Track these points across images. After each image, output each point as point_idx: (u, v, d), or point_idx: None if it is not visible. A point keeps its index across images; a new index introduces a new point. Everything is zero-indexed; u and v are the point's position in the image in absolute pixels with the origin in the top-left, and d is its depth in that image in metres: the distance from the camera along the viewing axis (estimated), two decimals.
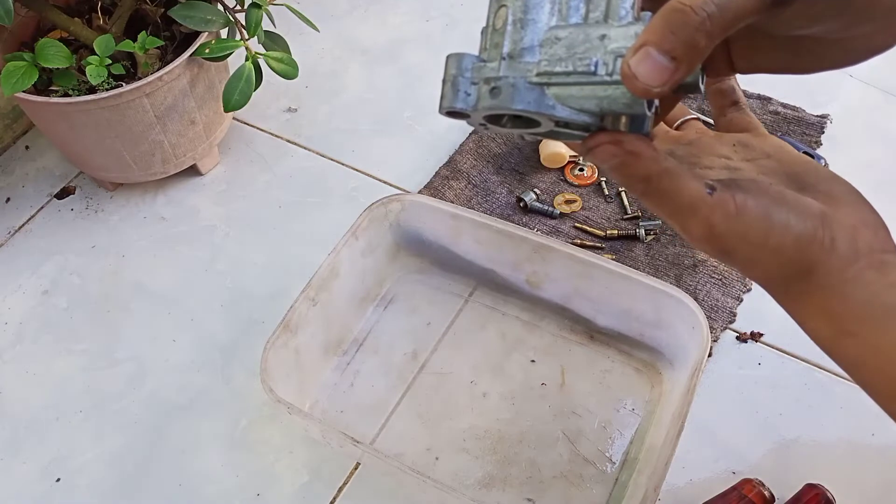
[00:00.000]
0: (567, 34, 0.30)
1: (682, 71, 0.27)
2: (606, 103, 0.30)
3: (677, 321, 0.64)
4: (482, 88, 0.31)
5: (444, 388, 0.70)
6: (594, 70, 0.29)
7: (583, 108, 0.30)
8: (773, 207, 0.32)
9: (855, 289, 0.32)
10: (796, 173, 0.36)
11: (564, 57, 0.30)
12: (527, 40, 0.31)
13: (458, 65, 0.32)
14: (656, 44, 0.27)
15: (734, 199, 0.31)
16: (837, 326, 0.33)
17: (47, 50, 0.70)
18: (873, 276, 0.32)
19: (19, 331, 0.77)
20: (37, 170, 0.90)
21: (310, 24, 0.79)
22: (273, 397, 0.58)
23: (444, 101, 0.32)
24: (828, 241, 0.32)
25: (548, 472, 0.65)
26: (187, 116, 0.79)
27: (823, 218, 0.32)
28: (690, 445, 0.66)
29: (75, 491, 0.67)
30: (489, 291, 0.75)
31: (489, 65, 0.31)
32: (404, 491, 0.65)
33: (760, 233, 0.32)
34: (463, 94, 0.31)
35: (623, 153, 0.30)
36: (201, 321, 0.76)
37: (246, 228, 0.83)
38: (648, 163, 0.31)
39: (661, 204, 0.32)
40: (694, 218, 0.32)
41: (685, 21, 0.26)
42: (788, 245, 0.32)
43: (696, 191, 0.31)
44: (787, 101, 0.90)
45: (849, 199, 0.34)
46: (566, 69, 0.30)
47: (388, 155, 0.89)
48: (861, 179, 0.94)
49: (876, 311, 0.31)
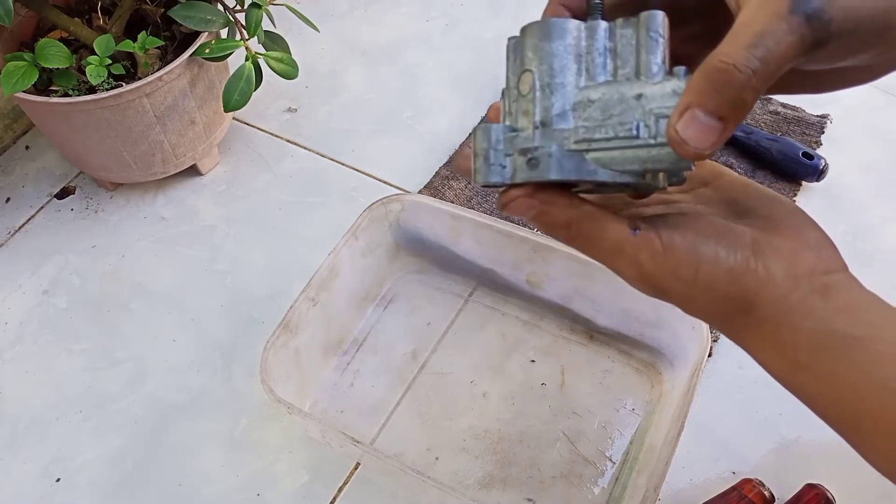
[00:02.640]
0: (600, 95, 0.29)
1: (731, 130, 0.26)
2: (651, 164, 0.29)
3: (677, 321, 0.64)
4: (517, 160, 0.30)
5: (444, 388, 0.70)
6: (636, 134, 0.28)
7: (625, 169, 0.29)
8: (701, 241, 0.31)
9: (800, 317, 0.30)
10: (734, 199, 0.35)
11: (601, 121, 0.29)
12: (558, 106, 0.30)
13: (488, 137, 0.30)
14: (702, 105, 0.26)
15: (659, 236, 0.31)
16: (788, 358, 0.31)
17: (47, 50, 0.70)
18: (818, 303, 0.30)
19: (19, 331, 0.77)
20: (37, 170, 0.90)
21: (310, 24, 0.79)
22: (273, 397, 0.58)
23: (479, 177, 0.31)
24: (762, 270, 0.31)
25: (548, 472, 0.65)
26: (187, 116, 0.79)
27: (755, 246, 0.31)
28: (690, 445, 0.66)
29: (75, 491, 0.67)
30: (489, 291, 0.75)
31: (522, 134, 0.30)
32: (404, 491, 0.65)
33: (690, 269, 0.31)
34: (498, 167, 0.30)
35: (539, 203, 0.30)
36: (201, 321, 0.76)
37: (246, 228, 0.83)
38: (565, 210, 0.30)
39: (588, 247, 0.32)
40: (621, 259, 0.31)
41: (730, 80, 0.26)
42: (721, 279, 0.31)
43: (618, 231, 0.31)
44: (787, 101, 0.90)
45: (789, 221, 0.33)
46: (606, 135, 0.29)
47: (388, 155, 0.89)
48: (861, 179, 0.94)
49: (825, 340, 0.30)
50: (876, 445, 0.30)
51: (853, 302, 0.30)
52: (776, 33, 0.26)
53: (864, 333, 0.29)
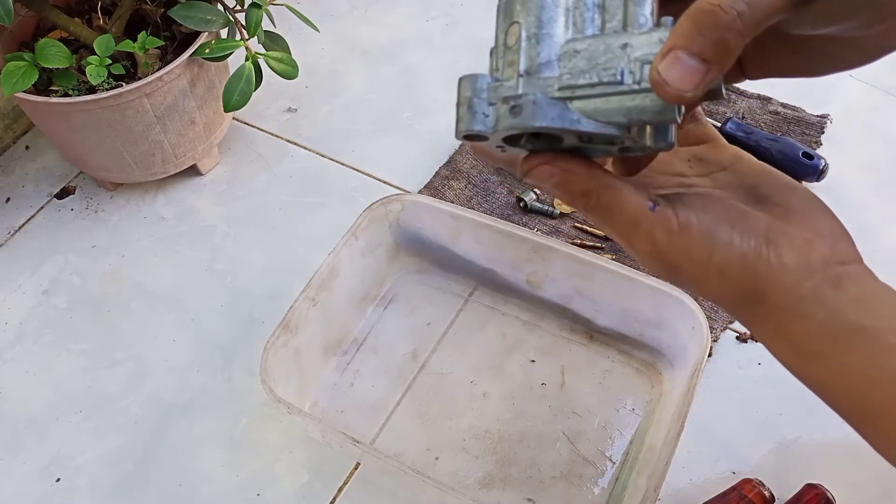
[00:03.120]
0: (586, 46, 0.29)
1: (714, 73, 0.26)
2: (635, 113, 0.28)
3: (677, 321, 0.64)
4: (501, 108, 0.29)
5: (444, 388, 0.70)
6: (620, 79, 0.28)
7: (609, 120, 0.29)
8: (717, 225, 0.31)
9: (812, 307, 0.30)
10: (752, 185, 0.35)
11: (587, 69, 0.29)
12: (544, 55, 0.29)
13: (473, 86, 0.30)
14: (685, 47, 0.26)
15: (676, 215, 0.31)
16: (798, 347, 0.31)
17: (47, 50, 0.70)
18: (830, 293, 0.30)
19: (19, 331, 0.77)
20: (37, 170, 0.90)
21: (310, 24, 0.79)
22: (273, 397, 0.58)
23: (461, 125, 0.30)
24: (774, 258, 0.31)
25: (548, 472, 0.65)
26: (187, 116, 0.79)
27: (769, 234, 0.31)
28: (690, 445, 0.66)
29: (75, 491, 0.67)
30: (489, 291, 0.75)
31: (506, 83, 0.30)
32: (404, 491, 0.65)
33: (704, 251, 0.31)
34: (481, 115, 0.30)
35: (559, 171, 0.30)
36: (201, 321, 0.76)
37: (246, 228, 0.83)
38: (586, 179, 0.30)
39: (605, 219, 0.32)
40: (637, 233, 0.31)
41: (715, 21, 0.26)
42: (734, 264, 0.31)
43: (637, 205, 0.31)
44: (787, 101, 0.90)
45: (805, 210, 0.33)
46: (590, 81, 0.28)
47: (388, 155, 0.89)
48: (861, 179, 0.94)
49: (838, 330, 0.30)
50: (886, 435, 0.31)
51: (866, 293, 0.31)
52: None
53: (876, 324, 0.30)
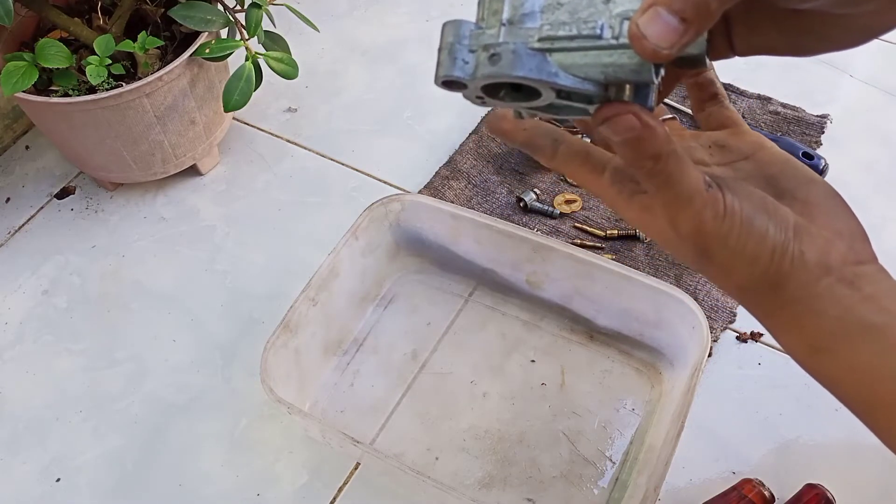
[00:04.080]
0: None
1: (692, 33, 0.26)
2: (612, 70, 0.28)
3: (677, 321, 0.64)
4: (481, 56, 0.30)
5: (444, 388, 0.70)
6: (599, 33, 0.28)
7: (587, 75, 0.29)
8: (757, 213, 0.31)
9: (826, 304, 0.31)
10: (774, 176, 0.35)
11: (568, 21, 0.29)
12: (527, 6, 0.29)
13: (455, 32, 0.30)
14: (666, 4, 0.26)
15: (724, 198, 0.31)
16: (810, 342, 0.32)
17: (47, 50, 0.70)
18: (845, 292, 0.31)
19: (19, 331, 0.77)
20: (37, 170, 0.90)
21: (310, 24, 0.79)
22: (273, 397, 0.58)
23: (441, 70, 0.30)
24: (797, 254, 0.31)
25: (548, 472, 0.65)
26: (187, 116, 0.79)
27: (796, 229, 0.32)
28: (690, 445, 0.66)
29: (75, 491, 0.67)
30: (489, 291, 0.75)
31: (488, 31, 0.30)
32: (404, 491, 0.65)
33: (740, 239, 0.31)
34: (461, 61, 0.30)
35: (641, 127, 0.29)
36: (201, 321, 0.76)
37: (246, 228, 0.83)
38: (662, 141, 0.30)
39: (663, 188, 0.31)
40: (687, 210, 0.31)
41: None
42: (764, 255, 0.31)
43: (696, 181, 0.31)
44: (787, 101, 0.90)
45: (826, 207, 0.33)
46: (570, 33, 0.29)
47: (388, 155, 0.89)
48: (861, 179, 0.94)
49: (850, 327, 0.31)
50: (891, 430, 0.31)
51: (880, 292, 0.31)
52: None
53: (887, 322, 0.30)
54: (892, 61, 0.95)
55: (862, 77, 0.94)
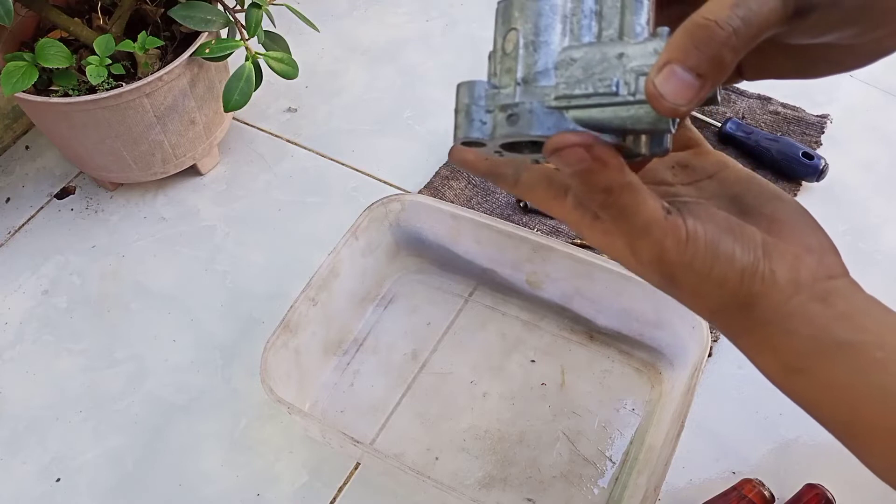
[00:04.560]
0: (582, 54, 0.29)
1: (709, 87, 0.26)
2: (630, 123, 0.29)
3: (677, 321, 0.64)
4: (498, 116, 0.30)
5: (444, 388, 0.70)
6: (616, 90, 0.28)
7: (604, 128, 0.29)
8: (722, 236, 0.31)
9: (799, 323, 0.30)
10: (738, 194, 0.34)
11: (583, 78, 0.29)
12: (541, 63, 0.30)
13: (471, 93, 0.30)
14: (681, 61, 0.26)
15: (686, 224, 0.30)
16: (784, 363, 0.31)
17: (47, 50, 0.70)
18: (818, 309, 0.30)
19: (19, 331, 0.77)
20: (37, 170, 0.90)
21: (310, 24, 0.79)
22: (273, 397, 0.58)
23: (459, 132, 0.31)
24: (768, 273, 0.30)
25: (548, 472, 0.65)
26: (187, 116, 0.79)
27: (765, 248, 0.31)
28: (690, 445, 0.66)
29: (75, 491, 0.67)
30: (489, 291, 0.75)
31: (503, 91, 0.30)
32: (404, 491, 0.65)
33: (706, 263, 0.30)
34: (478, 122, 0.30)
35: (591, 159, 0.29)
36: (201, 321, 0.76)
37: (246, 228, 0.83)
38: (614, 173, 0.29)
39: (617, 219, 0.31)
40: (646, 239, 0.31)
41: (710, 37, 0.26)
42: (733, 277, 0.31)
43: (653, 211, 0.30)
44: (787, 101, 0.90)
45: (793, 223, 0.33)
46: (586, 91, 0.29)
47: (388, 155, 0.89)
48: (861, 179, 0.94)
49: (824, 346, 0.30)
50: (873, 450, 0.30)
51: (852, 308, 0.30)
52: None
53: (862, 339, 0.29)
54: (892, 61, 0.95)
55: (862, 77, 0.94)
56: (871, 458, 0.31)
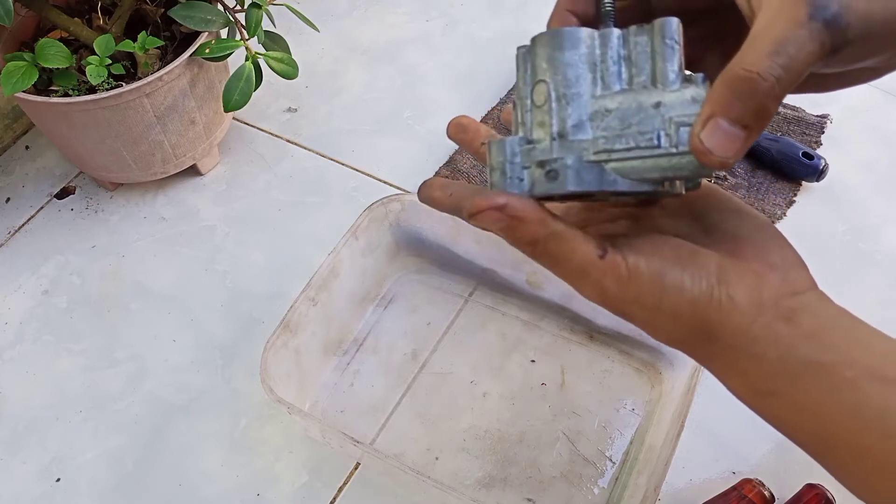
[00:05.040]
0: (617, 104, 0.29)
1: (753, 137, 0.26)
2: (672, 172, 0.28)
3: None
4: (535, 172, 0.29)
5: (444, 388, 0.70)
6: (658, 143, 0.28)
7: (644, 178, 0.29)
8: (667, 268, 0.30)
9: (764, 346, 0.30)
10: (700, 211, 0.34)
11: (621, 130, 0.29)
12: (574, 116, 0.29)
13: (504, 150, 0.30)
14: (725, 114, 0.26)
15: (626, 262, 0.30)
16: (753, 386, 0.31)
17: (47, 50, 0.70)
18: (783, 329, 0.30)
19: (19, 331, 0.77)
20: (37, 170, 0.90)
21: (310, 24, 0.79)
22: (273, 397, 0.58)
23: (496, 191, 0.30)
24: (725, 299, 0.30)
25: (548, 472, 0.65)
26: (187, 116, 0.79)
27: (720, 273, 0.30)
28: (690, 445, 0.66)
29: (75, 491, 0.67)
30: (489, 291, 0.75)
31: (539, 146, 0.30)
32: (404, 491, 0.65)
33: (654, 297, 0.30)
34: (515, 180, 0.30)
35: (507, 218, 0.29)
36: (201, 321, 0.76)
37: (246, 228, 0.83)
38: (534, 226, 0.30)
39: (553, 266, 0.31)
40: (586, 281, 0.31)
41: (754, 89, 0.26)
42: (684, 308, 0.30)
43: (585, 254, 0.30)
44: (787, 101, 0.90)
45: (755, 239, 0.32)
46: (627, 145, 0.28)
47: (388, 155, 0.89)
48: (861, 179, 0.94)
49: (793, 368, 0.30)
50: (847, 468, 0.30)
51: (819, 325, 0.30)
52: (797, 40, 0.26)
53: (830, 359, 0.29)
54: None
55: None
56: (845, 477, 0.30)
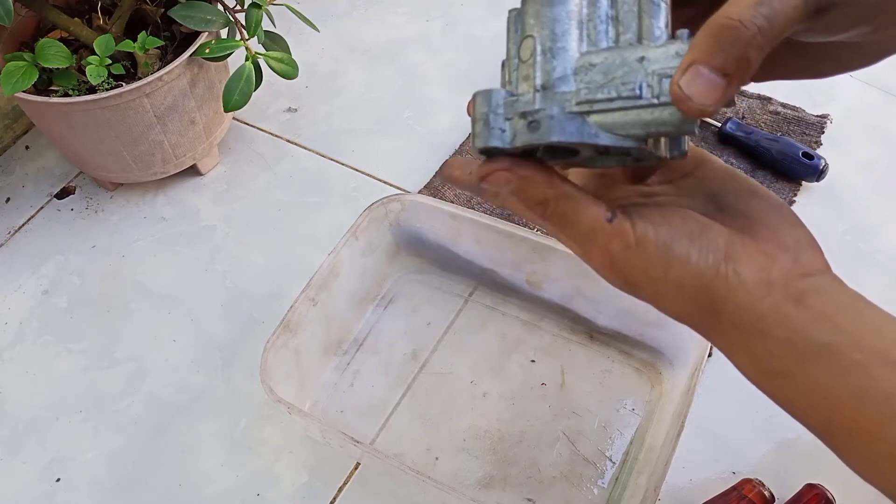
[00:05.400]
0: (602, 59, 0.29)
1: (735, 87, 0.26)
2: (654, 126, 0.28)
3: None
4: (518, 123, 0.30)
5: (444, 388, 0.70)
6: (639, 94, 0.28)
7: (627, 133, 0.29)
8: (675, 239, 0.30)
9: (772, 325, 0.29)
10: (715, 192, 0.34)
11: (604, 83, 0.29)
12: (559, 69, 0.29)
13: (489, 101, 0.30)
14: (706, 62, 0.26)
15: (634, 228, 0.30)
16: (760, 366, 0.31)
17: (47, 50, 0.70)
18: (792, 310, 0.29)
19: (19, 331, 0.77)
20: (37, 170, 0.90)
21: (310, 24, 0.79)
22: (273, 397, 0.58)
23: (479, 141, 0.30)
24: (732, 275, 0.30)
25: (548, 472, 0.65)
26: (187, 116, 0.79)
27: (728, 248, 0.30)
28: (690, 445, 0.66)
29: (75, 491, 0.67)
30: (489, 291, 0.75)
31: (522, 98, 0.30)
32: (404, 491, 0.65)
33: (660, 268, 0.30)
34: (497, 131, 0.30)
35: (517, 178, 0.30)
36: (201, 321, 0.76)
37: (246, 228, 0.83)
38: (543, 187, 0.30)
39: (562, 228, 0.31)
40: (593, 245, 0.31)
41: (736, 37, 0.26)
42: (690, 280, 0.30)
43: (594, 217, 0.30)
44: (787, 101, 0.90)
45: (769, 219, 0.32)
46: (609, 95, 0.28)
47: (388, 155, 0.89)
48: (861, 179, 0.94)
49: (801, 349, 0.29)
50: (855, 451, 0.30)
51: (830, 307, 0.30)
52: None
53: (840, 341, 0.29)
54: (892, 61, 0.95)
55: (862, 77, 0.94)
56: (852, 460, 0.30)
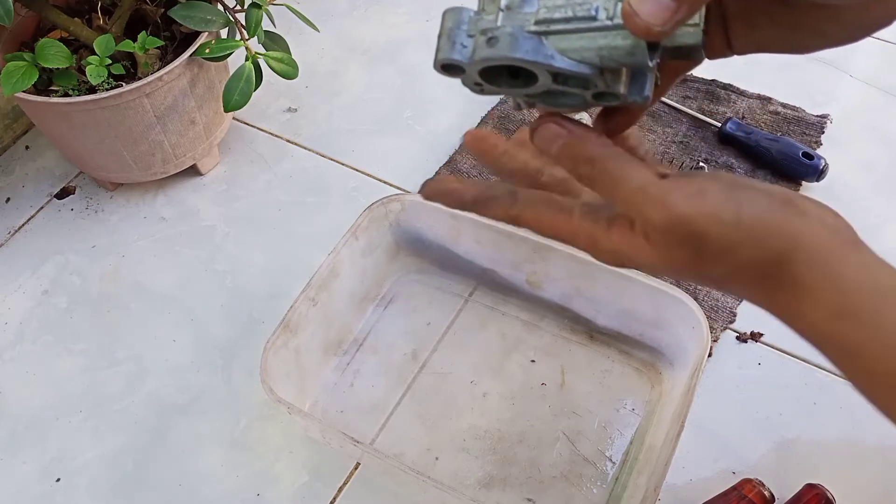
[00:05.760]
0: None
1: (684, 11, 0.27)
2: (607, 52, 0.29)
3: (677, 321, 0.64)
4: (479, 39, 0.31)
5: (444, 388, 0.70)
6: (594, 15, 0.29)
7: (583, 58, 0.30)
8: (737, 186, 0.30)
9: (844, 266, 0.29)
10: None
11: (563, 4, 0.30)
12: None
13: (455, 18, 0.31)
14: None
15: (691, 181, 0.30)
16: (831, 309, 0.29)
17: (47, 50, 0.70)
18: (854, 255, 0.29)
19: (19, 331, 0.77)
20: (37, 170, 0.90)
21: (310, 24, 0.79)
22: (273, 397, 0.58)
23: (440, 54, 0.31)
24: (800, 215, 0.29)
25: (548, 472, 0.65)
26: (187, 116, 0.79)
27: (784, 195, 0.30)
28: (690, 445, 0.66)
29: (75, 491, 0.67)
30: (489, 291, 0.75)
31: (486, 17, 0.31)
32: (404, 491, 0.65)
33: (731, 210, 0.29)
34: (459, 45, 0.31)
35: (567, 133, 0.30)
36: (201, 321, 0.76)
37: (246, 228, 0.83)
38: (593, 144, 0.30)
39: (611, 187, 0.30)
40: (647, 199, 0.29)
41: None
42: (766, 220, 0.29)
43: (645, 175, 0.30)
44: (787, 101, 0.90)
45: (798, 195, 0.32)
46: (565, 15, 0.29)
47: (388, 155, 0.89)
48: (861, 179, 0.94)
49: (871, 290, 0.28)
50: None
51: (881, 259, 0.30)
52: None
53: None
54: (891, 61, 0.95)
55: (862, 77, 0.94)
56: None
